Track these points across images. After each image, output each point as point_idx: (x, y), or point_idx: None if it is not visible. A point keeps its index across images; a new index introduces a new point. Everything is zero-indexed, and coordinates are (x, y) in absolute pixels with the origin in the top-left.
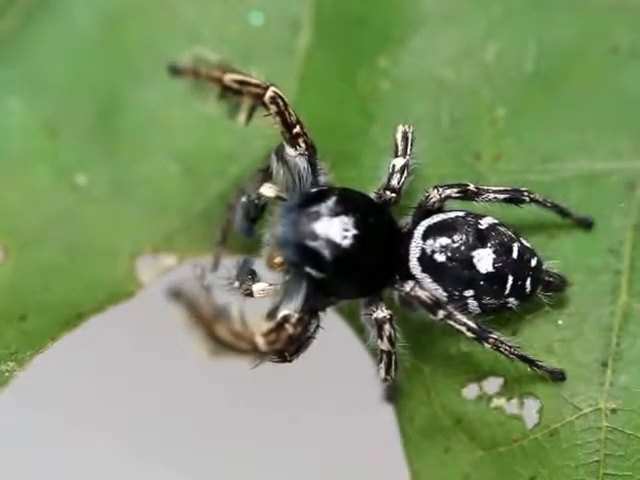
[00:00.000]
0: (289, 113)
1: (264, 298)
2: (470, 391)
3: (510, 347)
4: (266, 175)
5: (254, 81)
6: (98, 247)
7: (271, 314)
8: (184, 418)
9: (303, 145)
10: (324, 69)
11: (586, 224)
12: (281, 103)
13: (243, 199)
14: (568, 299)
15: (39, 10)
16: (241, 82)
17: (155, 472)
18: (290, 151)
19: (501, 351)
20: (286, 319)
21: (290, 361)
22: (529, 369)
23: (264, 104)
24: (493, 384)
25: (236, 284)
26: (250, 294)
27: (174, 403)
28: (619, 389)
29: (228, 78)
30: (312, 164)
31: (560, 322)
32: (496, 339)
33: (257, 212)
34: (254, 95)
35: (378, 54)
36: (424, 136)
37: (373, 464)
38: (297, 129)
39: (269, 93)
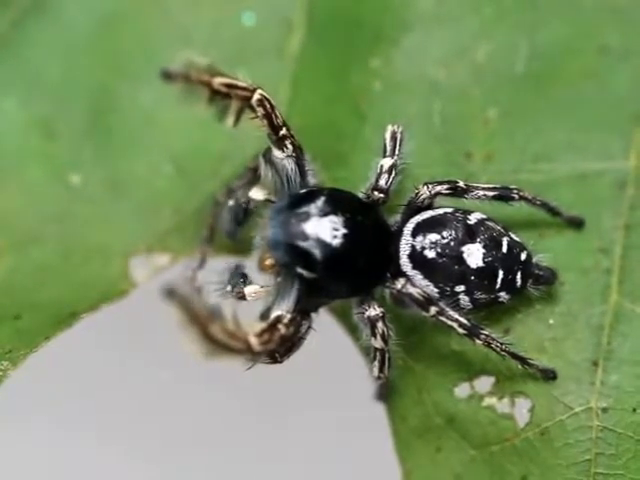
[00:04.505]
0: (275, 115)
1: (256, 300)
2: (462, 390)
3: (501, 344)
4: (254, 174)
5: (241, 84)
6: (92, 246)
7: (264, 315)
8: (180, 417)
9: (290, 147)
10: (316, 69)
11: (577, 223)
12: (268, 106)
13: (231, 202)
14: (559, 298)
15: (34, 11)
16: (229, 85)
17: (151, 472)
18: (277, 153)
19: (492, 348)
20: (279, 319)
21: (281, 362)
22: (520, 367)
23: (251, 107)
24: (485, 383)
25: (228, 288)
26: (242, 297)
27: (169, 402)
28: (610, 388)
29: (217, 82)
30: (300, 166)
31: (551, 321)
32: (487, 335)
33: (245, 215)
34: (242, 98)
35: (370, 54)
36: (416, 136)
37: (365, 463)
38: (283, 131)
39: (256, 96)
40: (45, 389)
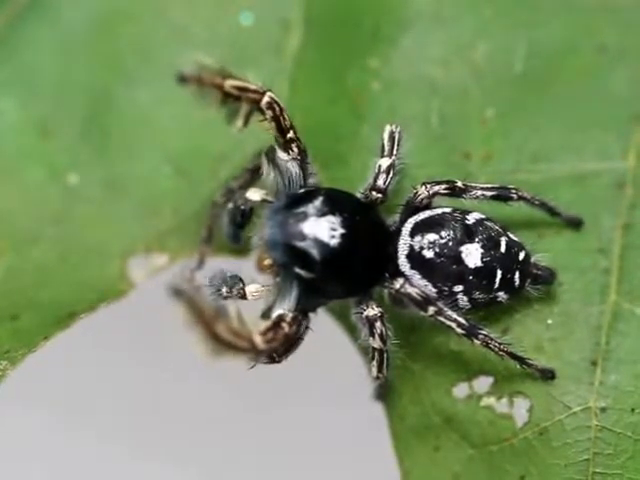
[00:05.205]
0: (284, 118)
1: (257, 300)
2: (460, 390)
3: (500, 344)
4: (253, 175)
5: (252, 87)
6: (90, 246)
7: (265, 314)
8: (180, 416)
9: (296, 150)
10: (314, 69)
11: (575, 224)
12: (277, 108)
13: (230, 205)
14: (558, 298)
15: (31, 11)
16: (240, 88)
17: (151, 471)
18: (282, 155)
19: (491, 348)
20: (281, 318)
21: (279, 362)
22: (519, 368)
23: (260, 109)
24: (483, 383)
25: (224, 290)
26: (243, 296)
27: (168, 402)
28: (609, 388)
29: (228, 84)
30: (303, 168)
31: (550, 321)
32: (486, 335)
33: (244, 218)
34: (252, 100)
35: (368, 54)
36: (414, 136)
37: (363, 462)
38: (291, 134)
39: (266, 98)
40: (44, 389)
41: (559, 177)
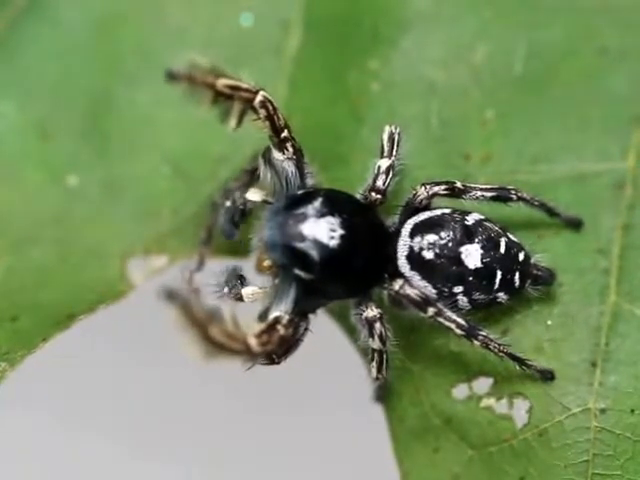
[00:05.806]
0: (278, 117)
1: (254, 302)
2: (460, 391)
3: (499, 345)
4: (252, 176)
5: (245, 86)
6: (89, 248)
7: (262, 316)
8: (178, 417)
9: (291, 149)
10: (314, 70)
11: (575, 224)
12: (270, 107)
13: (228, 203)
14: (557, 299)
15: (31, 13)
16: (232, 87)
17: (151, 472)
18: (278, 155)
19: (490, 349)
20: (277, 320)
21: (278, 363)
22: (518, 369)
23: (254, 108)
24: (483, 384)
25: (225, 290)
26: (240, 298)
27: (167, 402)
28: (608, 389)
29: (220, 83)
30: (299, 168)
31: (549, 322)
32: (485, 336)
33: (242, 216)
34: (244, 100)
35: (368, 55)
36: (413, 137)
37: (363, 464)
38: (285, 133)
39: (259, 97)
40: (44, 390)
41: (559, 178)
